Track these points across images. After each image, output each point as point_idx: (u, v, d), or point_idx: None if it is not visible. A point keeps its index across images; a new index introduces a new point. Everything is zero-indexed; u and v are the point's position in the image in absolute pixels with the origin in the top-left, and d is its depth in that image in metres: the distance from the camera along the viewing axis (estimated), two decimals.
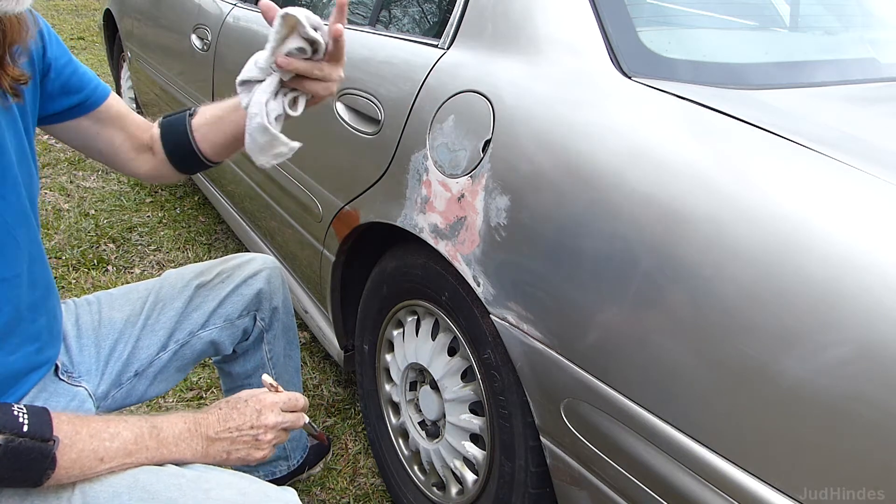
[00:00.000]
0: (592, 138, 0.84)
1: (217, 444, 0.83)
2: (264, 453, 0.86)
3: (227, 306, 1.14)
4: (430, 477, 1.30)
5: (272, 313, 1.21)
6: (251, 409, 0.86)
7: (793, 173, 0.70)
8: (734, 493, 0.70)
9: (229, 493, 0.77)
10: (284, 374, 1.30)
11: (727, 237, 0.69)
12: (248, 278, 1.16)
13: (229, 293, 1.14)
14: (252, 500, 0.77)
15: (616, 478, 0.84)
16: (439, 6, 1.27)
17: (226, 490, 0.77)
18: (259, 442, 0.85)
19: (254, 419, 0.85)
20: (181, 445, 0.81)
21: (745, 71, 1.00)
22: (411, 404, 1.33)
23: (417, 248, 1.17)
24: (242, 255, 1.21)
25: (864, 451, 0.61)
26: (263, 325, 1.21)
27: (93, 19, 6.47)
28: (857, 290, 0.61)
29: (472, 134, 1.00)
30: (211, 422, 0.84)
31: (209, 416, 0.84)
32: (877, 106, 0.98)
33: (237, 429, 0.84)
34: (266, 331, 1.22)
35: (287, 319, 1.26)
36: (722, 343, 0.69)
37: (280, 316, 1.23)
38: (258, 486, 0.80)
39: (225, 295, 1.14)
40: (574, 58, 0.94)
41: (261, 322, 1.20)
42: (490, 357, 1.04)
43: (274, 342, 1.24)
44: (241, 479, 0.79)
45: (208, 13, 2.08)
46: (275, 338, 1.24)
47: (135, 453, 0.78)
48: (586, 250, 0.82)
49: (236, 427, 0.84)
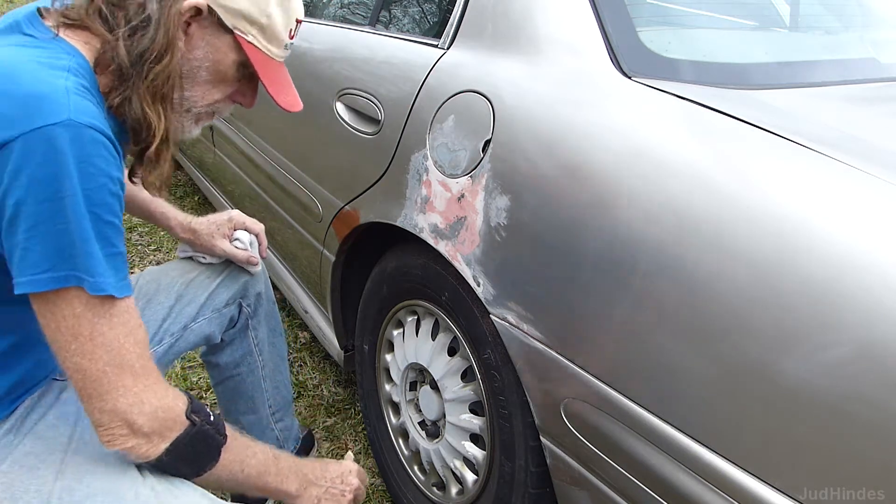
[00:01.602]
0: (592, 138, 0.84)
1: (313, 488, 0.95)
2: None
3: (216, 297, 1.18)
4: (430, 477, 1.30)
5: (256, 299, 1.26)
6: (344, 468, 1.02)
7: (793, 173, 0.70)
8: (734, 493, 0.70)
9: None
10: (270, 361, 1.33)
11: (727, 237, 0.69)
12: (234, 269, 1.22)
13: (218, 285, 1.19)
14: None
15: (616, 478, 0.84)
16: (439, 6, 1.27)
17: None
18: (343, 497, 0.98)
19: (343, 476, 1.00)
20: (290, 478, 0.92)
21: (745, 71, 1.00)
22: (411, 404, 1.33)
23: (417, 248, 1.17)
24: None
25: (864, 451, 0.61)
26: (249, 312, 1.25)
27: None
28: (857, 290, 0.61)
29: (472, 134, 1.00)
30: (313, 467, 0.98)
31: (313, 463, 0.99)
32: (877, 106, 0.98)
33: (330, 480, 0.98)
34: (251, 317, 1.26)
35: (270, 307, 1.31)
36: (722, 343, 0.69)
37: (263, 302, 1.28)
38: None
39: (214, 287, 1.18)
40: (574, 58, 0.94)
41: (247, 308, 1.25)
42: (490, 357, 1.04)
43: (259, 328, 1.28)
44: (208, 500, 0.82)
45: None
46: (259, 323, 1.28)
47: (263, 474, 0.89)
48: (586, 250, 0.82)
49: (330, 479, 0.98)
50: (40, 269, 0.66)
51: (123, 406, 0.72)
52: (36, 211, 0.65)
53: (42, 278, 0.66)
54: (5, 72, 0.68)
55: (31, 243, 0.66)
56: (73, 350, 0.70)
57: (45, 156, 0.64)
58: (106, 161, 0.69)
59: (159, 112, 0.79)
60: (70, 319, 0.69)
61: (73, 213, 0.66)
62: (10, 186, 0.65)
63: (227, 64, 0.84)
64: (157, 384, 0.76)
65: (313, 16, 1.66)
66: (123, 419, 0.73)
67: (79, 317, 0.69)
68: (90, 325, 0.69)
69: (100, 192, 0.68)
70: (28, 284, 0.67)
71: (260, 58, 0.84)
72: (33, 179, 0.64)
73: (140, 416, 0.73)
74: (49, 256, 0.66)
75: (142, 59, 0.75)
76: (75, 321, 0.69)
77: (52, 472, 0.77)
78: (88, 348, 0.70)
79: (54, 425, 0.81)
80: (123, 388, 0.72)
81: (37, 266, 0.66)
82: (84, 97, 0.70)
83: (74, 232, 0.66)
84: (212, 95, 0.86)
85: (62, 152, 0.65)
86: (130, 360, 0.73)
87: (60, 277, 0.67)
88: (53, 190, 0.65)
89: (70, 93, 0.68)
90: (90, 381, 0.71)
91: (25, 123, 0.64)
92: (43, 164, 0.64)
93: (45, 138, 0.64)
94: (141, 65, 0.75)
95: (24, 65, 0.69)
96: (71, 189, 0.66)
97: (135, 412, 0.73)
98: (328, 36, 1.47)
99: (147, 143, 0.79)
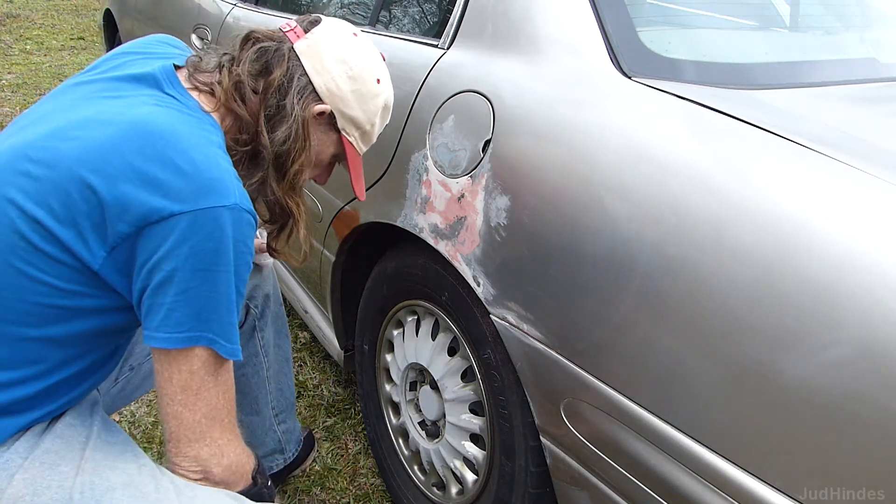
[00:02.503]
0: (592, 138, 0.84)
1: None
2: None
3: None
4: (430, 477, 1.30)
5: (264, 300, 1.26)
6: None
7: (793, 173, 0.70)
8: (734, 493, 0.70)
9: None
10: (275, 363, 1.33)
11: (727, 237, 0.69)
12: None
13: None
14: None
15: (616, 478, 0.84)
16: (439, 6, 1.27)
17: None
18: None
19: None
20: None
21: (745, 71, 1.00)
22: (411, 404, 1.33)
23: (417, 248, 1.17)
24: None
25: (864, 451, 0.61)
26: (256, 314, 1.26)
27: (93, 19, 6.47)
28: (857, 290, 0.61)
29: (472, 134, 1.00)
30: None
31: None
32: (877, 106, 0.98)
33: None
34: (258, 319, 1.26)
35: (277, 308, 1.31)
36: (722, 343, 0.69)
37: (271, 304, 1.28)
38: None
39: None
40: (574, 58, 0.94)
41: (254, 310, 1.25)
42: (490, 357, 1.03)
43: (265, 330, 1.28)
44: (224, 494, 0.83)
45: (208, 13, 2.08)
46: (266, 325, 1.28)
47: None
48: (586, 250, 0.82)
49: None
50: (181, 329, 0.73)
51: (206, 455, 0.78)
52: (190, 278, 0.71)
53: (180, 337, 0.73)
54: (172, 141, 0.73)
55: (177, 305, 0.72)
56: (178, 400, 0.75)
57: (210, 233, 0.71)
58: (252, 240, 0.77)
59: (297, 201, 0.91)
60: (185, 374, 0.75)
61: (223, 285, 0.74)
62: (169, 253, 0.71)
63: (326, 154, 0.95)
64: (237, 440, 0.82)
65: None
66: (203, 466, 0.78)
67: (194, 373, 0.75)
68: (200, 381, 0.76)
69: (246, 268, 0.77)
70: (165, 341, 0.73)
71: (353, 154, 0.95)
72: (195, 250, 0.71)
73: (217, 466, 0.79)
74: (190, 319, 0.73)
75: (283, 154, 0.86)
76: (190, 376, 0.75)
77: (73, 468, 0.78)
78: (192, 400, 0.76)
79: (72, 424, 0.83)
80: (210, 439, 0.78)
81: (179, 326, 0.72)
82: (240, 181, 0.77)
83: (221, 301, 0.74)
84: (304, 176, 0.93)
85: (225, 232, 0.72)
86: (222, 415, 0.79)
87: (194, 338, 0.74)
88: (210, 262, 0.72)
89: (234, 178, 0.75)
90: (184, 429, 0.76)
91: (199, 201, 0.71)
92: (207, 240, 0.71)
93: (212, 217, 0.71)
94: (282, 158, 0.86)
95: (189, 139, 0.74)
96: (225, 265, 0.73)
97: (213, 462, 0.79)
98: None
99: (287, 225, 0.93)
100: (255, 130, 0.84)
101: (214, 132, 0.80)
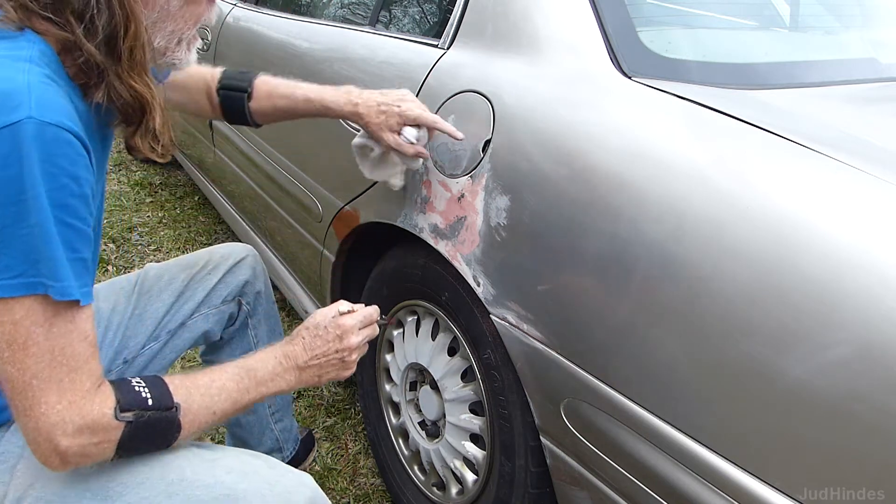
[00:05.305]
0: (592, 138, 0.84)
1: (308, 371, 0.90)
2: (352, 370, 0.95)
3: (216, 295, 1.19)
4: (430, 477, 1.30)
5: (256, 297, 1.26)
6: (332, 335, 0.92)
7: (792, 173, 0.70)
8: (734, 493, 0.70)
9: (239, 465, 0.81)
10: None
11: (727, 237, 0.69)
12: (234, 267, 1.22)
13: (217, 282, 1.19)
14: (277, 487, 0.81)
15: (616, 478, 0.84)
16: (439, 6, 1.27)
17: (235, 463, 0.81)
18: (346, 363, 0.93)
19: (337, 343, 0.92)
20: (277, 380, 0.87)
21: (745, 71, 1.00)
22: (411, 404, 1.33)
23: (417, 248, 1.17)
24: (224, 245, 1.26)
25: (864, 451, 0.61)
26: (248, 310, 1.26)
27: None
28: (857, 290, 0.61)
29: (472, 134, 1.00)
30: (298, 352, 0.89)
31: (295, 347, 0.90)
32: (877, 106, 0.98)
33: (324, 355, 0.91)
34: (250, 315, 1.27)
35: (269, 306, 1.31)
36: (722, 343, 0.69)
37: (262, 300, 1.28)
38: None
39: (213, 284, 1.19)
40: (574, 58, 0.94)
41: (246, 306, 1.25)
42: (490, 357, 1.04)
43: (259, 327, 1.29)
44: (256, 459, 0.82)
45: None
46: (259, 322, 1.29)
47: (239, 400, 0.83)
48: (586, 250, 0.82)
49: (322, 353, 0.91)
50: (10, 275, 0.63)
51: (47, 426, 0.68)
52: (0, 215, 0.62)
53: (12, 283, 0.63)
54: None
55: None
56: (4, 358, 0.66)
57: (6, 157, 0.61)
58: (70, 160, 0.65)
59: (147, 83, 0.75)
60: (9, 326, 0.65)
61: (37, 216, 0.63)
62: None
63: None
64: (86, 397, 0.70)
65: (313, 16, 1.66)
66: (50, 441, 0.68)
67: (17, 323, 0.65)
68: (27, 333, 0.65)
69: (67, 192, 0.65)
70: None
71: None
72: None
73: (64, 436, 0.68)
74: (18, 262, 0.63)
75: (111, 44, 0.71)
76: (13, 328, 0.65)
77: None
78: (19, 357, 0.66)
79: None
80: (47, 405, 0.67)
81: (8, 270, 0.63)
82: (49, 88, 0.66)
83: (38, 236, 0.63)
84: (196, 11, 0.81)
85: (24, 154, 0.62)
86: (61, 374, 0.68)
87: (29, 284, 0.64)
88: (16, 192, 0.62)
89: (32, 88, 0.64)
90: (17, 395, 0.67)
91: None
92: (4, 167, 0.61)
93: (4, 138, 0.61)
94: (112, 49, 0.71)
95: None
96: (34, 194, 0.62)
97: (58, 432, 0.68)
98: (328, 36, 1.47)
99: (146, 119, 0.76)
100: (79, 43, 0.70)
101: (26, 45, 0.68)
